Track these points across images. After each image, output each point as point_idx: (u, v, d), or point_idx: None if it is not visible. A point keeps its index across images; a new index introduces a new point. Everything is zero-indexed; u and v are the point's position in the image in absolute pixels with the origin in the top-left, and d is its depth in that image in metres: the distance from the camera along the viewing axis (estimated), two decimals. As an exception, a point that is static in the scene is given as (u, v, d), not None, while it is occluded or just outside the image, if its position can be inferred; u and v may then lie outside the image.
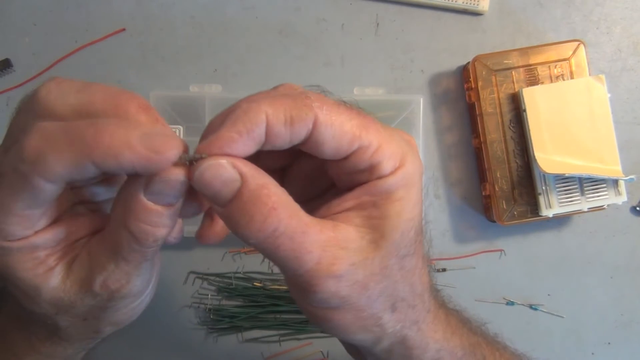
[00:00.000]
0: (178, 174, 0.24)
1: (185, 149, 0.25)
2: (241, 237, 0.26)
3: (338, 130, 0.26)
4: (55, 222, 0.28)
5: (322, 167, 0.30)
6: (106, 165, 0.23)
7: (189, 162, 0.25)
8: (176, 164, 0.24)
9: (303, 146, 0.27)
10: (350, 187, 0.29)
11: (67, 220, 0.28)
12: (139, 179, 0.25)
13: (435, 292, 0.35)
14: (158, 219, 0.25)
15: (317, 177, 0.31)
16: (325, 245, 0.27)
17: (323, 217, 0.28)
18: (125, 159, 0.23)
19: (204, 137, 0.26)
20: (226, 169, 0.24)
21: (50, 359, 0.34)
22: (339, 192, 0.30)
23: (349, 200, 0.28)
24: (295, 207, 0.26)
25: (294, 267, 0.26)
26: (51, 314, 0.29)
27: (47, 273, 0.27)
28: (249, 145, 0.25)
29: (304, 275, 0.27)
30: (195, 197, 0.27)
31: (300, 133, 0.25)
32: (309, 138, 0.26)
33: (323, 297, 0.28)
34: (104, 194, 0.31)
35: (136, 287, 0.29)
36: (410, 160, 0.28)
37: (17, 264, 0.27)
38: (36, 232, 0.27)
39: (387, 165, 0.27)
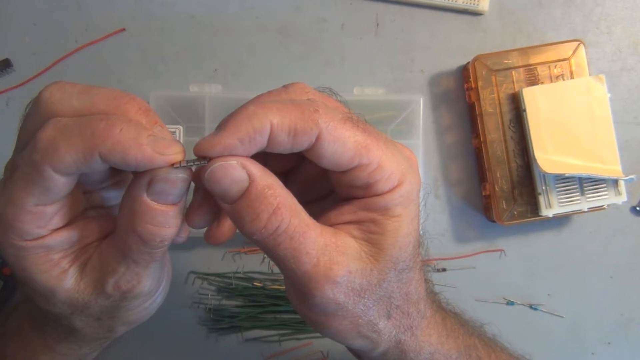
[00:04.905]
0: (178, 172, 0.25)
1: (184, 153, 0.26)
2: (246, 233, 0.27)
3: (340, 148, 0.26)
4: (67, 225, 0.28)
5: (326, 172, 0.31)
6: (112, 158, 0.24)
7: (190, 162, 0.26)
8: (176, 165, 0.25)
9: (305, 153, 0.27)
10: (347, 198, 0.29)
11: (79, 224, 0.29)
12: (141, 181, 0.26)
13: (432, 297, 0.36)
14: (163, 218, 0.26)
15: (321, 181, 0.32)
16: (325, 249, 0.27)
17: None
18: (131, 155, 0.24)
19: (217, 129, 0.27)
20: (236, 169, 0.25)
21: (65, 357, 0.35)
22: (338, 199, 0.30)
23: (346, 213, 0.29)
24: (299, 208, 0.27)
25: (292, 266, 0.27)
26: (66, 314, 0.30)
27: (62, 275, 0.29)
28: (249, 150, 0.26)
29: (302, 276, 0.27)
30: (206, 208, 0.29)
31: (302, 144, 0.26)
32: (311, 149, 0.27)
33: (321, 302, 0.28)
34: (114, 198, 0.32)
35: (147, 287, 0.30)
36: (408, 179, 0.28)
37: (33, 266, 0.28)
38: (50, 233, 0.27)
39: (384, 185, 0.28)
